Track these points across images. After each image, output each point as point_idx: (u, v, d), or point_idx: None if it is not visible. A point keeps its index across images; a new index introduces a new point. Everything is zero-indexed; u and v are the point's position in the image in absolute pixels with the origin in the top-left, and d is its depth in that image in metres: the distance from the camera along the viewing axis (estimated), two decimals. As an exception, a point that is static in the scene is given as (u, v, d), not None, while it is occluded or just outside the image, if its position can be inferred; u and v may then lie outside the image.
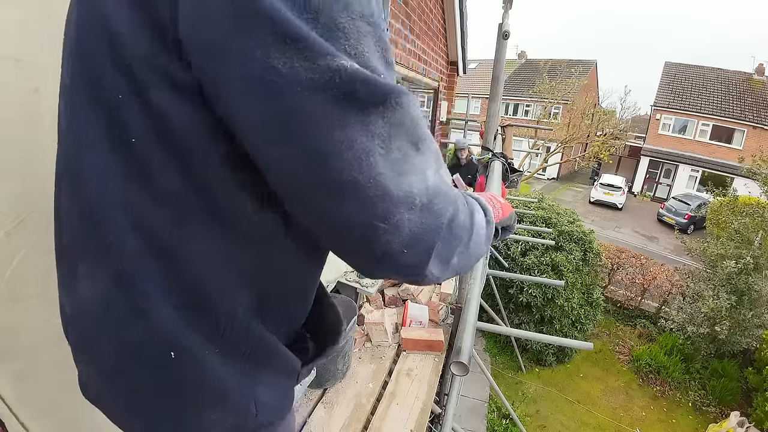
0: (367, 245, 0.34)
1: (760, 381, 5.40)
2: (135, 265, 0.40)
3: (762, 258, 5.85)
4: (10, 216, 0.77)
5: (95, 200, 0.41)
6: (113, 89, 0.37)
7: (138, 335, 0.42)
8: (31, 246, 0.80)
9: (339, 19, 0.31)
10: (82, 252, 0.45)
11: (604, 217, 15.01)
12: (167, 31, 0.33)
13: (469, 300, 1.50)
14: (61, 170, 0.48)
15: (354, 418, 1.65)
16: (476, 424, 4.69)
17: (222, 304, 0.42)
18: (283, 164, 0.33)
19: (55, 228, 0.52)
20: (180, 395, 0.44)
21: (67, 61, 0.45)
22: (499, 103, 2.05)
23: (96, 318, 0.45)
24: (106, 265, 0.42)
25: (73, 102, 0.42)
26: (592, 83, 21.44)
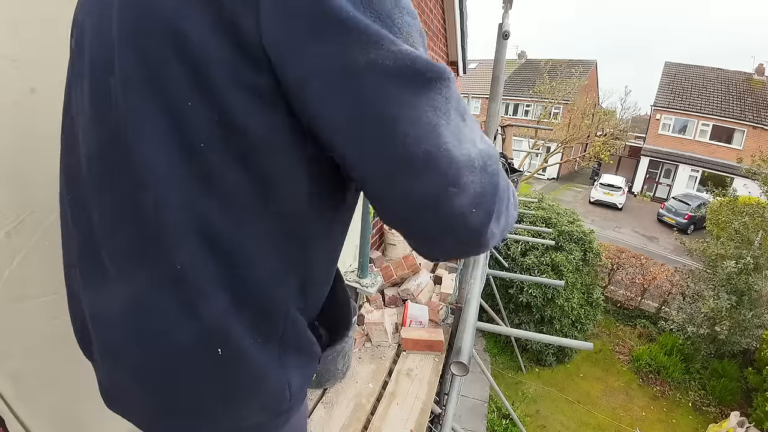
0: (441, 211, 0.36)
1: (760, 381, 5.40)
2: (194, 266, 0.41)
3: (762, 258, 5.85)
4: (10, 216, 0.77)
5: (157, 204, 0.40)
6: (180, 92, 0.37)
7: (187, 336, 0.43)
8: (31, 246, 0.80)
9: (393, 15, 0.36)
10: (121, 256, 0.45)
11: (604, 217, 15.00)
12: (242, 35, 0.34)
13: (469, 300, 1.50)
14: (85, 173, 0.47)
15: (354, 418, 1.65)
16: (476, 424, 4.69)
17: (274, 297, 0.45)
18: (365, 149, 0.35)
19: (69, 231, 0.52)
20: (223, 389, 0.46)
21: (102, 61, 0.42)
22: (499, 103, 2.05)
23: (133, 321, 0.45)
24: (159, 267, 0.42)
25: (128, 105, 0.40)
26: (592, 83, 21.43)
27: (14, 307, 0.80)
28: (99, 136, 0.44)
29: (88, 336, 0.53)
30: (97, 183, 0.45)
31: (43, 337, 0.85)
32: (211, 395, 0.46)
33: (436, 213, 0.36)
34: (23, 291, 0.81)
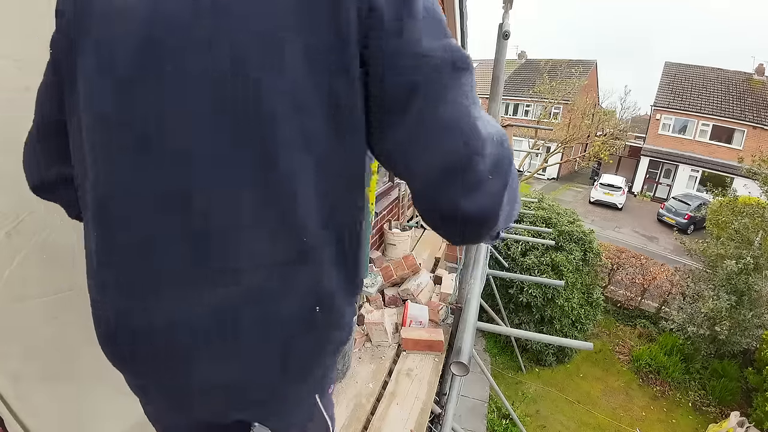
0: (467, 175, 0.44)
1: (760, 381, 5.40)
2: (323, 255, 0.50)
3: (762, 258, 5.85)
4: (10, 216, 0.77)
5: (295, 202, 0.46)
6: (308, 93, 0.43)
7: (307, 304, 0.51)
8: (31, 246, 0.80)
9: (437, 14, 0.46)
10: (224, 258, 0.47)
11: (604, 217, 15.00)
12: (351, 28, 0.42)
13: (469, 300, 1.50)
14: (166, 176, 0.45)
15: (354, 418, 1.65)
16: (476, 424, 4.69)
17: (361, 258, 0.56)
18: (415, 121, 0.44)
19: (154, 241, 0.48)
20: (322, 346, 0.55)
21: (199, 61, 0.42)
22: (499, 103, 2.05)
23: (260, 305, 0.49)
24: (290, 246, 0.48)
25: (249, 108, 0.42)
26: (592, 83, 21.43)
27: (14, 307, 0.80)
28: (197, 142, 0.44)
29: (147, 343, 0.51)
30: (204, 188, 0.45)
31: (43, 337, 0.85)
32: (313, 354, 0.54)
33: (463, 175, 0.44)
34: (23, 291, 0.81)
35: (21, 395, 0.83)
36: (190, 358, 0.51)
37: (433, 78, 0.43)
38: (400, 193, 3.77)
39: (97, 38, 0.46)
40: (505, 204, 0.48)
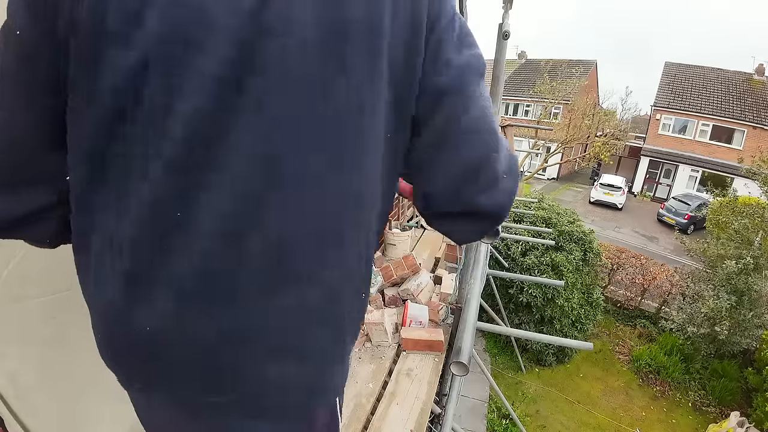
0: (487, 172, 0.49)
1: (759, 381, 5.40)
2: (369, 244, 0.54)
3: (762, 258, 5.85)
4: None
5: (361, 203, 0.50)
6: (384, 101, 0.46)
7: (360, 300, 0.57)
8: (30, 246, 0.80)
9: (467, 27, 0.51)
10: (316, 248, 0.48)
11: (604, 217, 15.00)
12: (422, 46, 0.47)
13: (469, 300, 1.50)
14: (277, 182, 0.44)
15: (354, 418, 1.65)
16: (476, 424, 4.69)
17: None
18: (447, 118, 0.48)
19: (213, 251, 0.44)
20: (356, 332, 0.62)
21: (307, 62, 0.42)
22: (499, 103, 2.05)
23: (331, 305, 0.51)
24: (354, 250, 0.51)
25: (339, 117, 0.45)
26: (593, 83, 21.43)
27: (13, 307, 0.80)
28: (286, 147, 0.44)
29: (173, 362, 0.49)
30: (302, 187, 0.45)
31: (42, 338, 0.85)
32: (351, 333, 0.59)
33: (481, 171, 0.48)
34: (21, 291, 0.81)
35: (20, 395, 0.83)
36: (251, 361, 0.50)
37: (468, 81, 0.48)
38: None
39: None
40: (508, 209, 0.53)
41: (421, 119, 0.49)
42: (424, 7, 0.46)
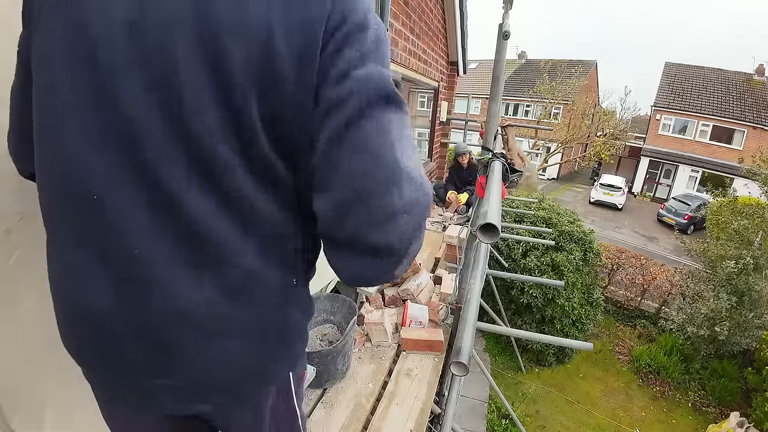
0: (381, 202, 0.45)
1: (759, 381, 5.40)
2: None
3: (762, 258, 5.84)
4: (9, 213, 0.77)
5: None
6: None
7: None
8: (30, 243, 0.80)
9: (383, 46, 0.49)
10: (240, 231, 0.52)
11: (604, 217, 15.00)
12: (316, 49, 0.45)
13: (469, 300, 1.50)
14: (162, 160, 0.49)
15: (354, 418, 1.65)
16: (476, 424, 4.69)
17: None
18: (334, 134, 0.45)
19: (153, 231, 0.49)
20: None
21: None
22: (499, 104, 2.05)
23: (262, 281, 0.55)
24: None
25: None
26: (593, 83, 21.43)
27: (11, 304, 0.80)
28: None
29: (144, 336, 0.53)
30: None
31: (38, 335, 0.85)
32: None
33: (374, 202, 0.45)
34: (20, 288, 0.81)
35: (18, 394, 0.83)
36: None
37: (362, 98, 0.44)
38: (400, 193, 3.76)
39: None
40: (412, 249, 0.50)
41: (314, 132, 0.46)
42: (322, 11, 0.43)
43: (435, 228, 4.02)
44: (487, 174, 1.86)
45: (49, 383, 0.88)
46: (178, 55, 0.43)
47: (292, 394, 0.68)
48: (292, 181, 0.51)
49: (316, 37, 0.43)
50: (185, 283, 0.50)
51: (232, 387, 0.59)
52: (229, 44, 0.42)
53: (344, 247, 0.50)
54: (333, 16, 0.44)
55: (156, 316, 0.51)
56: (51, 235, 0.54)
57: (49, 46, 0.47)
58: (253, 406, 0.64)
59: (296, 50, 0.43)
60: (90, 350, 0.56)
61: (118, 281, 0.51)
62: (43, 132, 0.50)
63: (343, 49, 0.44)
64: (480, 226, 1.16)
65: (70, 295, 0.54)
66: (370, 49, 0.46)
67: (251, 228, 0.51)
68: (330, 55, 0.44)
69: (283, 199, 0.52)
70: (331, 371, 1.72)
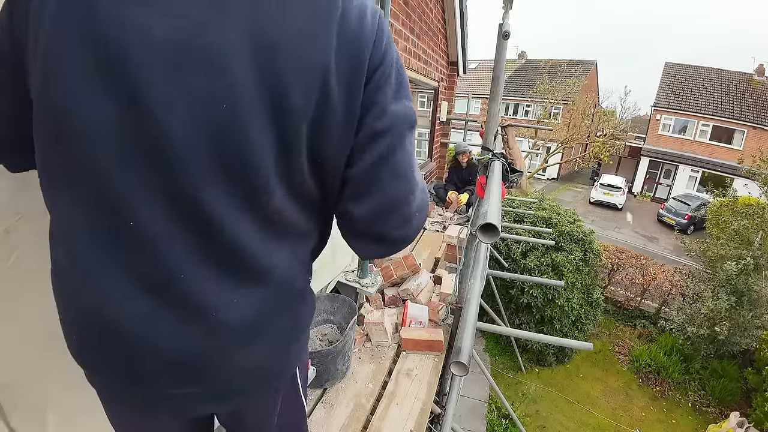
0: (402, 209, 0.58)
1: (759, 381, 5.40)
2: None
3: (762, 259, 5.84)
4: (8, 213, 0.77)
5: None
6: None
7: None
8: (29, 244, 0.80)
9: (406, 80, 0.56)
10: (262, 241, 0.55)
11: (604, 217, 15.00)
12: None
13: (469, 300, 1.50)
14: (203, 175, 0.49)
15: (353, 418, 1.65)
16: (476, 424, 4.69)
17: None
18: (378, 159, 0.54)
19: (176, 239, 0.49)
20: None
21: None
22: (499, 104, 2.05)
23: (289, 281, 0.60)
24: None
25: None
26: (592, 83, 21.42)
27: (10, 304, 0.80)
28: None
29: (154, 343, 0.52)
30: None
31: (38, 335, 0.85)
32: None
33: (401, 210, 0.58)
34: (20, 288, 0.80)
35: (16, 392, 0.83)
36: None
37: (398, 130, 0.54)
38: (400, 193, 3.76)
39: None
40: (417, 233, 0.64)
41: (355, 154, 0.53)
42: (367, 52, 0.49)
43: (435, 228, 4.02)
44: (487, 174, 1.86)
45: (51, 385, 0.88)
46: (236, 90, 0.43)
47: (297, 380, 0.76)
48: (319, 193, 0.57)
49: (362, 74, 0.49)
50: (223, 296, 0.52)
51: (256, 387, 0.63)
52: (291, 82, 0.45)
53: (369, 240, 0.60)
54: (374, 56, 0.50)
55: (192, 329, 0.52)
56: (71, 247, 0.51)
57: (64, 62, 0.42)
58: (269, 398, 0.70)
59: (345, 86, 0.48)
60: (116, 361, 0.54)
61: (154, 297, 0.50)
62: (64, 147, 0.46)
63: (383, 87, 0.52)
64: (480, 226, 1.16)
65: (97, 309, 0.51)
66: (401, 84, 0.55)
67: (284, 239, 0.56)
68: (372, 92, 0.51)
69: (310, 209, 0.58)
70: (331, 371, 1.72)
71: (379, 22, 0.51)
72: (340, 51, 0.47)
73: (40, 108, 0.46)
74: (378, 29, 0.51)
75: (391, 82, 0.53)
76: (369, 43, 0.49)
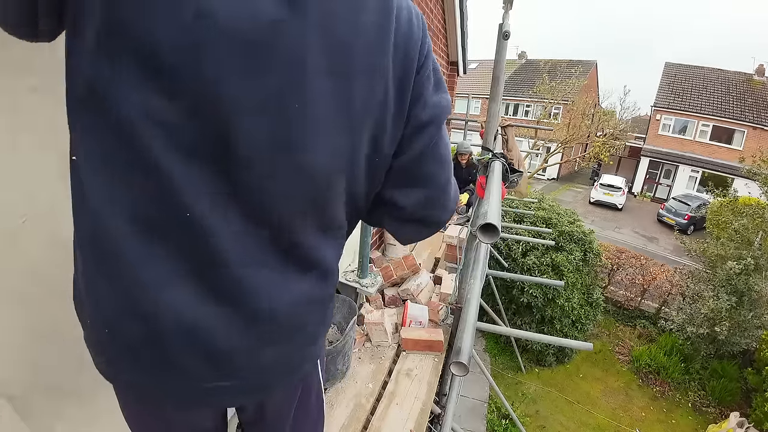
0: (446, 193, 0.64)
1: (759, 381, 5.40)
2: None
3: (762, 259, 5.84)
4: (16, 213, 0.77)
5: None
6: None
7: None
8: (38, 243, 0.80)
9: (440, 73, 0.60)
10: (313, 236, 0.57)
11: (604, 217, 15.00)
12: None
13: (469, 300, 1.50)
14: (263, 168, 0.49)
15: (354, 418, 1.65)
16: (476, 424, 4.69)
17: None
18: (425, 148, 0.59)
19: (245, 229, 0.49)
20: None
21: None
22: (499, 104, 2.05)
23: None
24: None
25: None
26: (592, 83, 21.41)
27: (20, 304, 0.80)
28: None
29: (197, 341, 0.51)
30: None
31: (41, 337, 0.85)
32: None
33: (445, 194, 0.64)
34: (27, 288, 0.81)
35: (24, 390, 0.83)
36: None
37: (438, 121, 0.58)
38: (400, 193, 3.76)
39: None
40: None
41: (404, 145, 0.57)
42: (415, 53, 0.54)
43: (435, 228, 4.01)
44: (487, 174, 1.86)
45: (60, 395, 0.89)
46: (308, 90, 0.44)
47: (318, 370, 0.78)
48: (365, 188, 0.58)
49: (413, 73, 0.53)
50: (275, 285, 0.53)
51: (285, 378, 0.64)
52: (358, 83, 0.47)
53: (412, 223, 0.65)
54: (420, 56, 0.54)
55: (238, 319, 0.52)
56: (111, 242, 0.47)
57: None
58: (291, 389, 0.72)
59: (398, 84, 0.52)
60: (155, 356, 0.52)
61: (203, 287, 0.49)
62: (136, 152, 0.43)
63: (426, 83, 0.56)
64: (480, 226, 1.16)
65: (138, 303, 0.49)
66: (440, 79, 0.59)
67: (331, 235, 0.59)
68: (418, 87, 0.55)
69: (356, 206, 0.60)
70: (331, 371, 1.73)
71: (423, 24, 0.55)
72: (396, 52, 0.50)
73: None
74: (423, 31, 0.55)
75: (431, 78, 0.57)
76: (417, 44, 0.53)
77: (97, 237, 0.48)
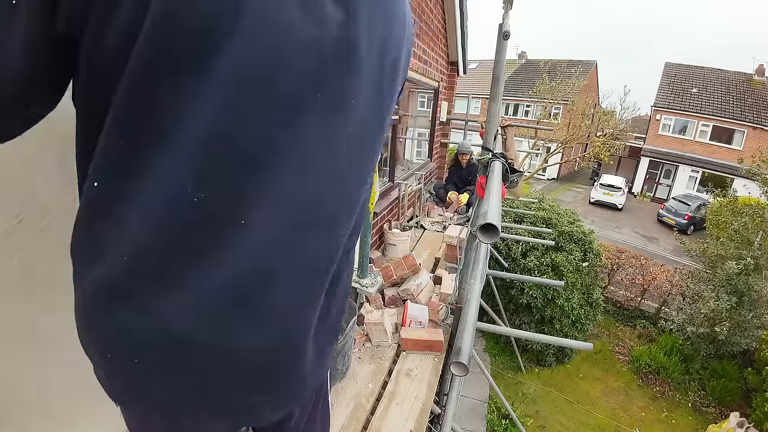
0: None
1: (759, 381, 5.40)
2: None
3: (762, 259, 5.84)
4: (10, 215, 0.77)
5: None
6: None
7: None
8: (31, 245, 0.80)
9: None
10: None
11: (604, 217, 15.00)
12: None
13: (469, 300, 1.50)
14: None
15: (353, 418, 1.65)
16: (476, 424, 4.69)
17: None
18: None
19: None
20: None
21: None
22: (499, 104, 2.05)
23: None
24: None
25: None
26: (592, 83, 21.42)
27: (13, 305, 0.80)
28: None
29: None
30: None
31: (41, 337, 0.85)
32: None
33: None
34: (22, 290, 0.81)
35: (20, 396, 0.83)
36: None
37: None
38: (400, 193, 3.77)
39: None
40: None
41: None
42: (409, 53, 0.59)
43: (435, 228, 4.02)
44: (487, 174, 1.86)
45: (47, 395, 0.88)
46: (362, 87, 0.48)
47: (327, 378, 0.84)
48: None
49: (403, 49, 0.56)
50: (310, 310, 0.54)
51: (308, 389, 0.63)
52: (392, 79, 0.53)
53: None
54: (408, 36, 0.57)
55: (272, 331, 0.50)
56: (139, 247, 0.42)
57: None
58: (311, 399, 0.74)
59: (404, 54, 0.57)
60: (186, 372, 0.48)
61: (248, 314, 0.47)
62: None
63: (408, 57, 0.59)
64: (480, 226, 1.16)
65: (166, 317, 0.44)
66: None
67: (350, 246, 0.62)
68: (405, 59, 0.58)
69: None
70: (331, 371, 1.72)
71: (411, 25, 0.60)
72: (407, 52, 0.57)
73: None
74: (412, 32, 0.60)
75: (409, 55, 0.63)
76: (410, 44, 0.58)
77: (117, 245, 0.42)
